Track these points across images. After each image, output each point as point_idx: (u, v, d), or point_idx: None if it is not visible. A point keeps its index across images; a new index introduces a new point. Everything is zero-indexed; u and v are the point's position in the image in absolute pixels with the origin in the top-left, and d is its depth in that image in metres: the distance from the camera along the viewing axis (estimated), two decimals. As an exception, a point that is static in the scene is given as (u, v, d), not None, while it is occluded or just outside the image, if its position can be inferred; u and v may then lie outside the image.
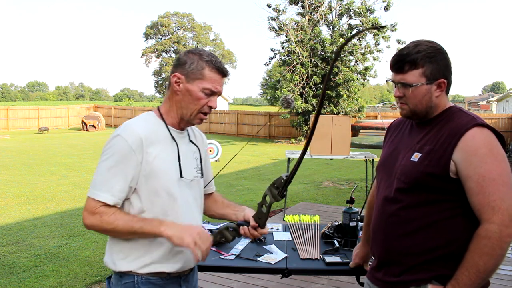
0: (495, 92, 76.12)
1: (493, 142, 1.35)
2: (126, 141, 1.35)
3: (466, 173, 1.33)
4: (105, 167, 1.36)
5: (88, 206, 1.36)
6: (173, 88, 1.44)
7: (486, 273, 1.28)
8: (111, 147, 1.37)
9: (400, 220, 1.46)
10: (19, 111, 26.61)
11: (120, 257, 1.42)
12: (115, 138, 1.37)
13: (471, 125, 1.37)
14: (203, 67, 1.41)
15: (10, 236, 5.20)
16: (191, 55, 1.43)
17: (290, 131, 22.65)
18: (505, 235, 1.26)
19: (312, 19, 20.00)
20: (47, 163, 11.95)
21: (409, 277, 1.44)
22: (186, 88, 1.42)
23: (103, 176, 1.36)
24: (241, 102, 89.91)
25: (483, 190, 1.30)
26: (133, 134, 1.37)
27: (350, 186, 8.97)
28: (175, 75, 1.43)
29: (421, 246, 1.42)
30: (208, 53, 1.45)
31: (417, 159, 1.43)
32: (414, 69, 1.42)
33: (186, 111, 1.44)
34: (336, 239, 2.37)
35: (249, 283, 3.56)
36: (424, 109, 1.46)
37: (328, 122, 5.75)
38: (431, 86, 1.43)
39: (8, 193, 7.78)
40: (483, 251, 1.28)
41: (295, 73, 19.10)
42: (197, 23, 60.18)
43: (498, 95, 43.26)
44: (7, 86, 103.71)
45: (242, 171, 11.24)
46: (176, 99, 1.45)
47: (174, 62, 1.47)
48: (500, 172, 1.31)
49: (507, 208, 1.27)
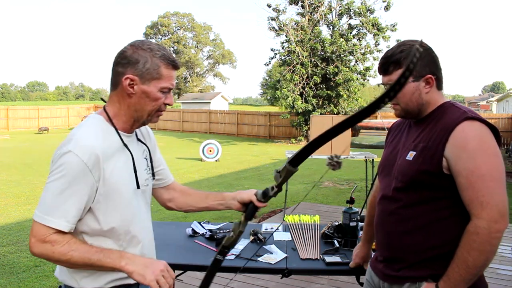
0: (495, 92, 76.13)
1: (484, 136, 1.33)
2: (81, 159, 1.19)
3: (457, 168, 1.32)
4: (57, 190, 1.20)
5: (37, 232, 1.20)
6: (126, 91, 1.29)
7: (476, 268, 1.29)
8: (62, 165, 1.20)
9: (400, 218, 1.47)
10: (19, 111, 26.62)
11: (83, 275, 1.30)
12: (66, 155, 1.20)
13: (461, 119, 1.35)
14: (158, 65, 1.29)
15: (10, 236, 5.19)
16: (142, 52, 1.28)
17: (290, 131, 22.65)
18: (494, 230, 1.26)
19: (312, 19, 20.01)
20: (47, 163, 11.88)
21: (407, 273, 1.46)
22: (142, 89, 1.29)
23: (55, 199, 1.20)
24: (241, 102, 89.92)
25: (472, 185, 1.29)
26: (88, 150, 1.21)
27: (350, 186, 8.97)
28: (127, 77, 1.27)
29: (421, 245, 1.43)
30: (158, 46, 1.32)
31: (412, 158, 1.43)
32: (399, 68, 1.42)
33: (142, 113, 1.33)
34: (336, 239, 2.38)
35: (249, 283, 3.56)
36: (415, 106, 1.45)
37: (328, 122, 5.75)
38: (419, 83, 1.42)
39: (8, 193, 7.78)
40: (472, 247, 1.28)
41: (295, 73, 19.09)
42: (197, 23, 60.22)
43: (498, 95, 43.26)
44: (7, 86, 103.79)
45: (242, 171, 11.24)
46: (129, 102, 1.31)
47: (119, 60, 1.30)
48: (489, 167, 1.29)
49: (496, 203, 1.26)
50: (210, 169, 11.11)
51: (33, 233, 1.21)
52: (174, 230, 2.67)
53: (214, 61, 62.39)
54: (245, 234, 2.62)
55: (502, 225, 1.26)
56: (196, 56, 59.74)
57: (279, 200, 7.31)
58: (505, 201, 1.28)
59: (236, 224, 1.31)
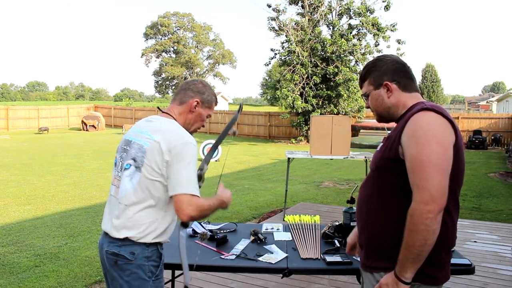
0: (495, 92, 75.99)
1: (433, 125, 1.42)
2: (197, 148, 1.76)
3: (405, 154, 1.44)
4: (192, 170, 1.71)
5: (189, 200, 1.66)
6: (191, 108, 1.89)
7: (415, 247, 1.37)
8: (190, 152, 1.72)
9: (366, 206, 1.61)
10: (19, 111, 26.60)
11: (151, 232, 1.73)
12: (190, 144, 1.73)
13: (418, 109, 1.47)
14: (212, 100, 1.96)
15: (10, 236, 5.19)
16: (207, 89, 1.94)
17: (290, 131, 22.65)
18: (425, 211, 1.35)
19: (312, 19, 20.00)
20: (47, 163, 11.95)
21: (370, 263, 1.57)
22: (200, 111, 1.92)
23: (193, 176, 1.71)
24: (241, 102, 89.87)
25: (413, 170, 1.40)
26: (195, 142, 1.79)
27: (350, 186, 8.97)
28: (196, 100, 1.89)
29: (380, 234, 1.53)
30: (213, 90, 1.99)
31: (379, 148, 1.61)
32: (363, 82, 1.69)
33: (191, 126, 1.92)
34: (336, 239, 2.38)
35: (249, 283, 3.56)
36: (383, 110, 1.64)
37: (328, 122, 5.74)
38: (380, 90, 1.62)
39: (8, 193, 7.78)
40: (408, 228, 1.39)
41: (295, 73, 19.09)
42: (197, 23, 60.15)
43: (498, 95, 43.22)
44: (7, 86, 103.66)
45: (242, 171, 11.24)
46: (188, 116, 1.90)
47: (192, 88, 1.92)
48: (429, 154, 1.37)
49: (429, 187, 1.36)
50: (210, 169, 11.00)
51: (187, 202, 1.66)
52: (174, 230, 2.66)
53: (214, 61, 62.32)
54: (246, 234, 2.62)
55: (432, 207, 1.35)
56: (196, 56, 59.69)
57: (279, 200, 7.31)
58: (438, 187, 1.36)
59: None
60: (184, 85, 1.94)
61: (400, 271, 1.42)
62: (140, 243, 1.71)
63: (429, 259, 1.42)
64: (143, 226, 1.71)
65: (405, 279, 1.41)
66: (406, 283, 1.42)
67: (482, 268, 3.88)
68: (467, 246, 4.57)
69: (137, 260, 1.70)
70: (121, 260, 1.71)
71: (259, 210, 6.69)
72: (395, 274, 1.44)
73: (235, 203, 7.12)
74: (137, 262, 1.70)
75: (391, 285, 1.44)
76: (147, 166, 1.70)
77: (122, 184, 1.75)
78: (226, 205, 1.88)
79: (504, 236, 5.04)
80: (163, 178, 1.69)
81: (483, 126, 19.30)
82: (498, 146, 18.67)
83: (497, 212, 6.69)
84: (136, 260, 1.70)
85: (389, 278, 1.45)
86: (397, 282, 1.43)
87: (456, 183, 1.48)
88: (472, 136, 18.24)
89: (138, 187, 1.70)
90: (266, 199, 7.49)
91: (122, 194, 1.74)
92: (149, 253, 1.73)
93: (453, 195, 1.46)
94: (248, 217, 6.25)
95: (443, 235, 1.42)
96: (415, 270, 1.41)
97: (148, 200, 1.71)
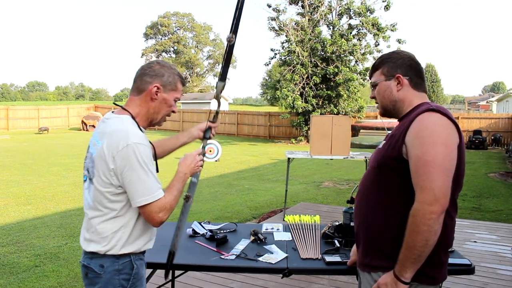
0: (495, 92, 75.93)
1: (438, 126, 1.42)
2: (144, 145, 1.56)
3: (410, 154, 1.43)
4: (145, 173, 1.54)
5: (156, 207, 1.56)
6: (151, 96, 1.66)
7: (416, 248, 1.37)
8: (137, 154, 1.53)
9: (365, 203, 1.60)
10: (19, 111, 26.61)
11: (116, 243, 1.60)
12: (134, 145, 1.52)
13: (423, 110, 1.47)
14: (176, 81, 1.71)
15: (10, 236, 5.19)
16: (166, 69, 1.69)
17: (290, 131, 22.65)
18: (428, 212, 1.34)
19: (312, 19, 20.00)
20: (47, 163, 11.95)
21: (368, 261, 1.57)
22: (163, 97, 1.68)
23: (149, 179, 1.55)
24: (241, 102, 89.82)
25: (417, 170, 1.40)
26: (144, 139, 1.59)
27: (350, 186, 8.97)
28: (156, 85, 1.65)
29: (380, 232, 1.53)
30: (175, 68, 1.76)
31: (381, 146, 1.60)
32: (375, 71, 1.67)
33: (157, 116, 1.71)
34: (336, 239, 2.38)
35: (249, 283, 3.56)
36: (390, 102, 1.62)
37: (328, 122, 5.74)
38: (390, 82, 1.61)
39: (8, 193, 7.78)
40: (410, 228, 1.38)
41: (295, 73, 19.09)
42: (197, 23, 60.21)
43: (498, 95, 43.18)
44: (7, 86, 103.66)
45: (242, 171, 11.24)
46: (150, 105, 1.67)
47: (148, 72, 1.67)
48: (434, 154, 1.37)
49: (432, 188, 1.35)
50: (210, 169, 11.11)
51: (156, 210, 1.55)
52: (170, 230, 2.66)
53: (214, 61, 62.35)
54: (246, 234, 2.62)
55: (435, 208, 1.34)
56: (196, 56, 59.73)
57: (279, 200, 7.31)
58: (442, 187, 1.36)
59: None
60: (139, 70, 1.69)
61: (400, 271, 1.42)
62: (109, 256, 1.60)
63: (428, 259, 1.42)
64: (108, 238, 1.59)
65: (405, 279, 1.41)
66: (406, 283, 1.42)
67: (482, 268, 3.88)
68: (467, 246, 4.57)
69: (105, 274, 1.60)
70: (91, 273, 1.63)
71: (259, 210, 6.69)
72: (394, 274, 1.44)
73: (235, 203, 7.12)
74: (106, 276, 1.60)
75: (390, 285, 1.44)
76: (97, 177, 1.57)
77: (84, 197, 1.68)
78: (191, 173, 1.74)
79: (504, 236, 5.04)
80: (113, 187, 1.55)
81: (483, 126, 19.31)
82: (498, 146, 18.68)
83: (497, 212, 6.70)
84: (105, 274, 1.60)
85: (388, 278, 1.45)
86: (396, 282, 1.42)
87: (457, 184, 1.48)
88: (472, 136, 18.24)
89: (95, 200, 1.60)
90: (266, 199, 7.50)
91: (85, 207, 1.67)
92: (119, 266, 1.61)
93: (452, 196, 1.45)
94: (248, 217, 6.26)
95: (443, 235, 1.42)
96: (415, 271, 1.41)
97: (106, 211, 1.59)
